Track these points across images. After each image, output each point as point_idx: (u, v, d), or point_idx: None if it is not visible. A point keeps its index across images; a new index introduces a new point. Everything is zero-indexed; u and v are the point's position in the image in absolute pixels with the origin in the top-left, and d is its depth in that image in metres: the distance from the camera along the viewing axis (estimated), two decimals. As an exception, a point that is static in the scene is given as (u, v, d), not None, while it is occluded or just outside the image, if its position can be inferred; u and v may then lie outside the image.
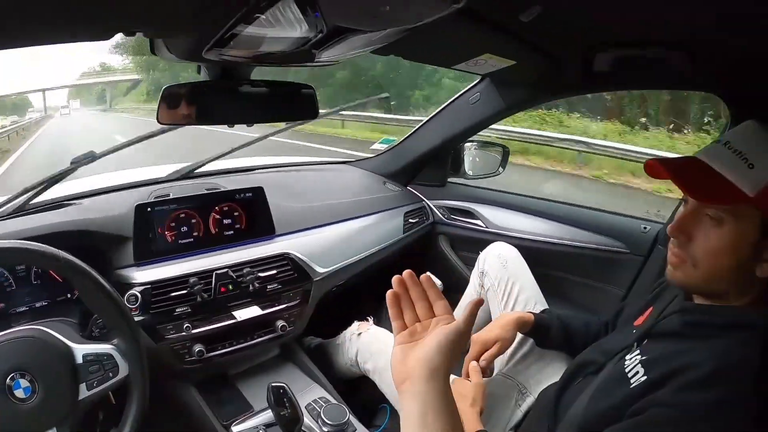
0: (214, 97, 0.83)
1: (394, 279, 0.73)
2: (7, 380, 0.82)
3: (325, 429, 1.10)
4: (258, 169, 1.77)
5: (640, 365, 0.76)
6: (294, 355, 1.47)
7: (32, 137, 16.29)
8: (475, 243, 1.72)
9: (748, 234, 0.69)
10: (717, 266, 0.72)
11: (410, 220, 1.79)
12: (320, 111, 0.93)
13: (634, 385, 0.74)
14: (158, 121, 0.83)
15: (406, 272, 0.74)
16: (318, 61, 0.78)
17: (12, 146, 13.28)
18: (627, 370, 0.78)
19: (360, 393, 1.39)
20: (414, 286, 0.73)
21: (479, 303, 0.71)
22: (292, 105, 0.90)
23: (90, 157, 1.25)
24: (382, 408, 1.36)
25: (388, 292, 0.73)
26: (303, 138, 9.65)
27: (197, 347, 1.24)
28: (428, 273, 0.75)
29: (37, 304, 1.19)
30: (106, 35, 0.64)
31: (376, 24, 0.61)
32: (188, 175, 1.55)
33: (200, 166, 1.55)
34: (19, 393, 0.83)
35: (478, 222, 1.79)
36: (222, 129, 1.20)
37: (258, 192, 1.40)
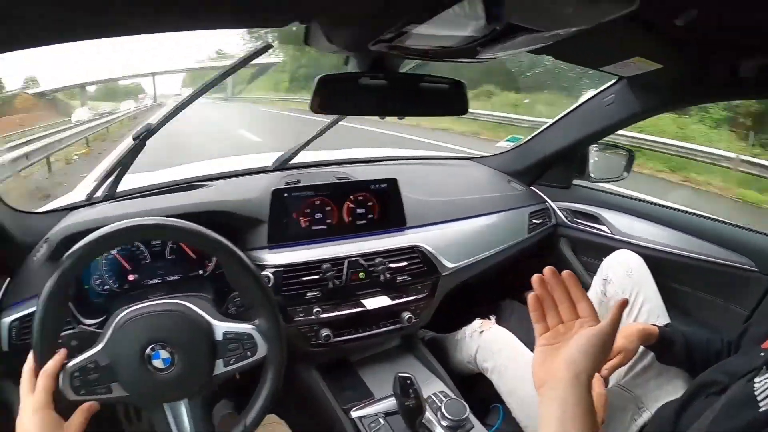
0: (368, 89, 0.83)
1: (535, 279, 0.71)
2: (147, 350, 0.85)
3: (444, 423, 1.11)
4: (385, 160, 1.80)
5: None
6: (414, 347, 1.50)
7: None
8: (597, 248, 1.68)
9: None
10: None
11: (534, 221, 1.77)
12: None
13: (763, 409, 0.70)
14: (312, 110, 0.82)
15: (548, 270, 0.72)
16: (477, 57, 0.80)
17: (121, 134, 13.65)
18: (756, 393, 0.74)
19: (474, 390, 1.39)
20: (557, 285, 0.71)
21: (624, 304, 0.69)
22: (444, 100, 0.90)
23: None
24: (494, 408, 1.36)
25: (530, 296, 0.71)
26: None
27: (324, 331, 1.28)
28: (569, 271, 0.73)
29: (169, 278, 1.25)
30: (285, 22, 0.69)
31: (554, 24, 0.62)
32: (318, 163, 1.60)
33: (293, 157, 1.56)
34: (158, 363, 0.85)
35: (603, 227, 1.73)
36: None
37: (392, 183, 1.42)
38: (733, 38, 0.94)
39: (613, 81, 1.48)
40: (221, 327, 0.91)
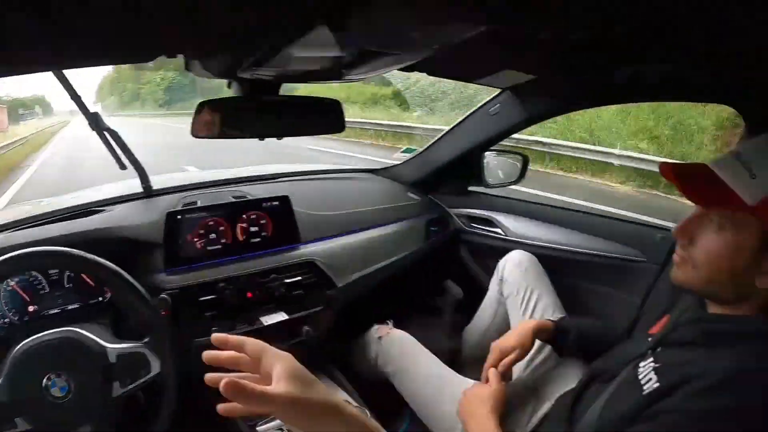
0: (247, 112, 0.86)
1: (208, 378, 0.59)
2: (44, 380, 0.86)
3: None
4: (282, 176, 1.80)
5: (653, 372, 0.77)
6: (318, 361, 1.47)
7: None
8: (494, 251, 1.73)
9: (747, 243, 0.70)
10: (715, 270, 0.74)
11: (432, 229, 1.81)
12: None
13: (646, 392, 0.75)
14: (193, 135, 0.85)
15: (216, 338, 0.61)
16: (345, 78, 0.82)
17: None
18: (640, 377, 0.79)
19: (383, 395, 1.39)
20: (225, 344, 0.61)
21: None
22: (321, 119, 0.93)
23: None
24: (402, 412, 1.37)
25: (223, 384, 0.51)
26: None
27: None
28: (216, 335, 0.62)
29: (69, 307, 1.21)
30: (150, 57, 0.70)
31: (405, 47, 0.65)
32: (214, 183, 1.58)
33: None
34: (56, 392, 0.87)
35: (498, 230, 1.79)
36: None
37: (284, 201, 1.43)
38: (604, 46, 0.99)
39: (498, 92, 1.55)
40: (114, 350, 0.93)
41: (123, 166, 1.31)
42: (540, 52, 1.02)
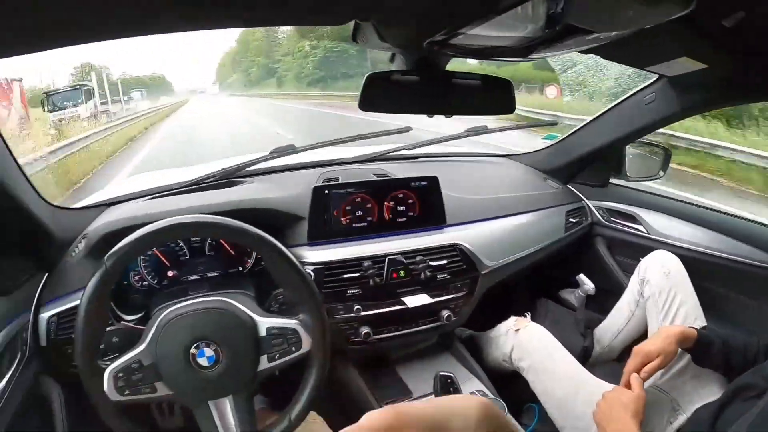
0: (418, 87, 0.83)
1: None
2: (192, 348, 0.86)
3: None
4: (422, 157, 1.80)
5: None
6: (451, 345, 1.50)
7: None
8: (634, 248, 1.67)
9: None
10: None
11: (571, 220, 1.76)
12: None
13: None
14: (360, 108, 0.83)
15: None
16: (528, 57, 0.80)
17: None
18: None
19: (510, 389, 1.38)
20: None
21: None
22: (491, 98, 0.90)
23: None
24: (529, 407, 1.35)
25: None
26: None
27: (364, 329, 1.28)
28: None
29: (209, 275, 1.25)
30: (343, 20, 0.69)
31: (613, 26, 0.62)
32: (355, 160, 1.60)
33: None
34: (203, 361, 0.86)
35: (640, 227, 1.72)
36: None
37: (433, 181, 1.41)
38: None
39: (654, 79, 1.46)
40: (265, 323, 0.91)
41: None
42: (718, 40, 0.95)
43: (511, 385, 1.39)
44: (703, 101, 1.41)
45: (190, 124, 15.39)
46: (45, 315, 1.04)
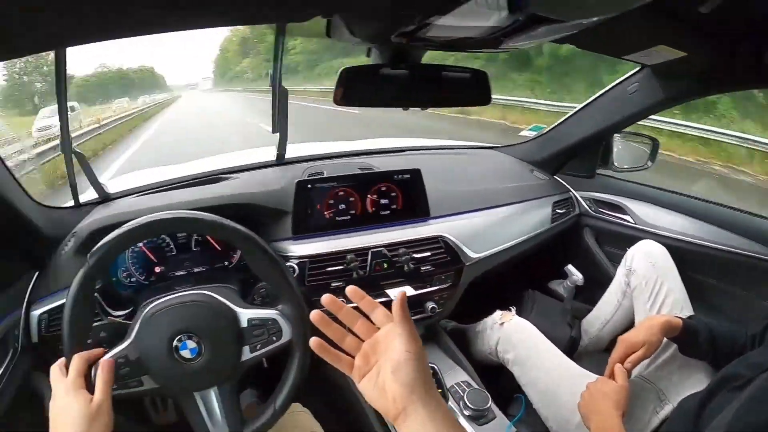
0: (392, 80, 0.83)
1: (314, 315, 0.65)
2: (175, 341, 0.87)
3: (466, 412, 1.12)
4: (407, 150, 1.80)
5: None
6: (437, 337, 1.50)
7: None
8: (621, 238, 1.67)
9: None
10: None
11: (558, 211, 1.76)
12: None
13: None
14: (335, 102, 0.83)
15: (326, 298, 0.65)
16: (499, 48, 0.79)
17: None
18: None
19: (496, 381, 1.39)
20: (339, 309, 0.67)
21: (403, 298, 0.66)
22: (466, 90, 0.90)
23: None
24: (517, 398, 1.35)
25: (313, 340, 0.64)
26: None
27: None
28: (353, 286, 0.68)
29: (195, 270, 1.27)
30: (307, 17, 0.68)
31: (578, 14, 0.62)
32: (340, 154, 1.60)
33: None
34: (186, 353, 0.87)
35: (627, 217, 1.72)
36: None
37: (415, 173, 1.41)
38: (759, 26, 0.94)
39: (637, 69, 1.46)
40: (246, 314, 0.93)
41: (275, 130, 1.37)
42: (697, 27, 0.97)
43: (498, 377, 1.40)
44: (686, 90, 1.41)
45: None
46: (36, 312, 1.05)
